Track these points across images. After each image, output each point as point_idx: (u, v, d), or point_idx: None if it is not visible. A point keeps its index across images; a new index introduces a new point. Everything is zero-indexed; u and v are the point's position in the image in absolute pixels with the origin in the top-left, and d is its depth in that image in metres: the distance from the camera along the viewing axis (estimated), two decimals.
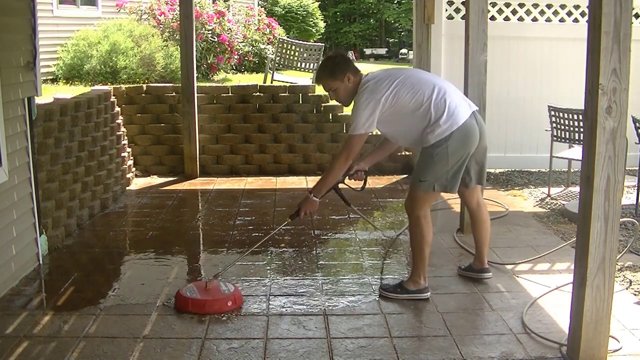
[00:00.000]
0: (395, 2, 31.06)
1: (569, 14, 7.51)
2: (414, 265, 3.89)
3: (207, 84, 8.47)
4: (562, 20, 7.53)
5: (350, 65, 3.83)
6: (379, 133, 4.03)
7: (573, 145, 6.52)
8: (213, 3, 12.38)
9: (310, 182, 7.21)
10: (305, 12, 22.69)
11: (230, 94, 7.78)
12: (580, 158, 3.02)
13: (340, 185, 4.07)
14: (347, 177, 4.08)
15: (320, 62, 3.94)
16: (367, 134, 3.72)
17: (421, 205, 3.79)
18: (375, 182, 7.16)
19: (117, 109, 7.18)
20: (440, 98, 3.66)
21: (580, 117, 5.88)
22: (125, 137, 7.28)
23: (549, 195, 6.52)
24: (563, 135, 6.30)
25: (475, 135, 3.72)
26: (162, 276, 4.32)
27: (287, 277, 4.30)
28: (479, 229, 4.13)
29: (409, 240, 3.94)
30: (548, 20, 7.51)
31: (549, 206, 6.13)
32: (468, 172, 3.88)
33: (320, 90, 8.04)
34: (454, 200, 5.98)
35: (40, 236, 4.52)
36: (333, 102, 7.89)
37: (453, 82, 3.96)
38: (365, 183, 4.19)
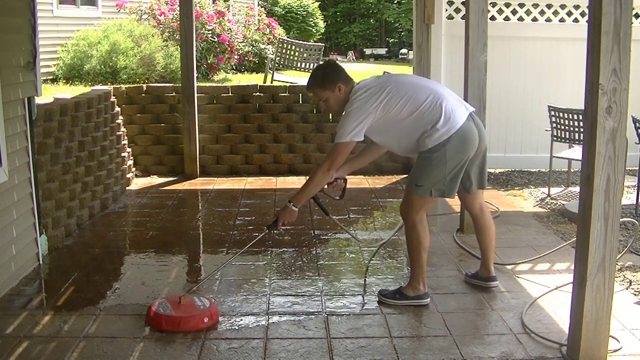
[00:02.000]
0: (395, 2, 31.04)
1: (569, 14, 7.52)
2: (412, 271, 3.82)
3: (207, 84, 8.47)
4: (562, 20, 7.53)
5: (342, 74, 3.69)
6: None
7: (573, 145, 6.52)
8: (213, 3, 12.37)
9: None
10: (305, 12, 22.69)
11: (230, 94, 7.78)
12: (580, 158, 3.02)
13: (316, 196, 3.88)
14: (326, 185, 3.84)
15: (313, 69, 3.79)
16: (353, 143, 3.58)
17: (417, 210, 3.69)
18: (375, 182, 7.16)
19: (117, 109, 7.18)
20: (436, 102, 3.56)
21: (580, 117, 5.88)
22: (125, 137, 7.28)
23: (549, 195, 6.52)
24: (563, 135, 6.30)
25: (474, 138, 3.62)
26: (162, 276, 4.33)
27: (287, 277, 4.30)
28: (484, 235, 4.03)
29: (406, 246, 3.86)
30: (548, 20, 7.51)
31: (549, 206, 6.13)
32: (468, 176, 3.78)
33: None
34: (453, 201, 5.96)
35: (40, 236, 4.53)
36: None
37: (453, 82, 3.94)
38: (344, 191, 4.00)
